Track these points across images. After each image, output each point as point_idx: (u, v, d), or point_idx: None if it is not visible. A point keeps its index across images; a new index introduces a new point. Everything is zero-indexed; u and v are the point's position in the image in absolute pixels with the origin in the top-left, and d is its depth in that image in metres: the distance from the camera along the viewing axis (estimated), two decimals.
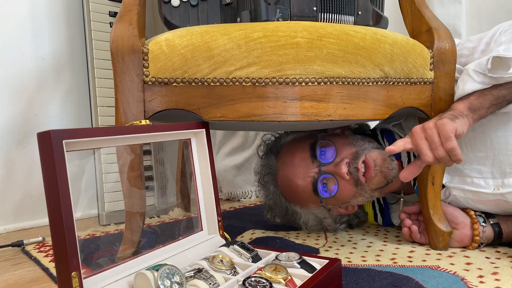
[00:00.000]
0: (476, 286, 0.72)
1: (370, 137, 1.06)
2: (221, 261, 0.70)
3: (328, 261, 0.72)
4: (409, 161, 1.03)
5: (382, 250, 0.94)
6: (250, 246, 0.76)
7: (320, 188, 0.96)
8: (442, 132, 0.78)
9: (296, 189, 0.99)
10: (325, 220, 1.08)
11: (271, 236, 1.07)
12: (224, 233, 0.84)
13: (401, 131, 1.08)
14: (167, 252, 0.73)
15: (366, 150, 0.97)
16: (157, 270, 0.61)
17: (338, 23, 0.86)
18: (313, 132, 1.04)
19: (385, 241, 1.01)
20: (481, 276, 0.77)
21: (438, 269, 0.81)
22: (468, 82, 0.86)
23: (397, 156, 1.03)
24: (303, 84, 0.79)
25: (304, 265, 0.70)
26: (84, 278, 0.58)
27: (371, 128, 1.15)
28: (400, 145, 0.82)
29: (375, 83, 0.84)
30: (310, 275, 0.67)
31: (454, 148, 0.78)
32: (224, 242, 0.81)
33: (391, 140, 1.06)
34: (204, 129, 0.82)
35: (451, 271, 0.80)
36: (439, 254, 0.90)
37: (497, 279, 0.75)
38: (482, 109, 0.85)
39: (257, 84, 0.78)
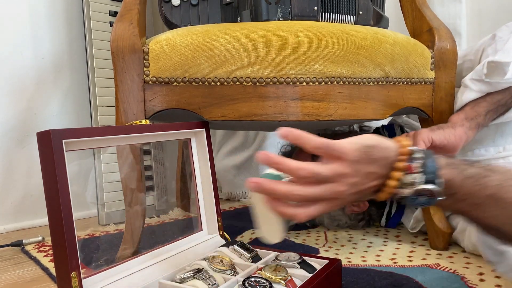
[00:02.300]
0: (476, 285, 0.72)
1: (373, 131, 1.13)
2: (221, 261, 0.69)
3: (328, 261, 0.72)
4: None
5: (382, 250, 0.94)
6: (250, 246, 0.76)
7: None
8: (414, 139, 0.82)
9: None
10: (339, 218, 1.13)
11: None
12: (224, 233, 0.84)
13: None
14: (167, 252, 0.73)
15: None
16: None
17: (339, 22, 0.86)
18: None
19: (385, 241, 1.01)
20: (481, 274, 0.77)
21: (438, 268, 0.81)
22: (465, 93, 0.88)
23: (392, 134, 1.10)
24: (304, 83, 0.79)
25: (304, 265, 0.70)
26: (84, 278, 0.58)
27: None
28: None
29: (376, 83, 0.84)
30: (310, 275, 0.66)
31: None
32: (224, 242, 0.81)
33: (390, 130, 1.11)
34: (204, 129, 0.82)
35: (451, 269, 0.80)
36: (439, 254, 0.90)
37: (497, 276, 0.75)
38: (479, 117, 0.87)
39: (258, 83, 0.78)
